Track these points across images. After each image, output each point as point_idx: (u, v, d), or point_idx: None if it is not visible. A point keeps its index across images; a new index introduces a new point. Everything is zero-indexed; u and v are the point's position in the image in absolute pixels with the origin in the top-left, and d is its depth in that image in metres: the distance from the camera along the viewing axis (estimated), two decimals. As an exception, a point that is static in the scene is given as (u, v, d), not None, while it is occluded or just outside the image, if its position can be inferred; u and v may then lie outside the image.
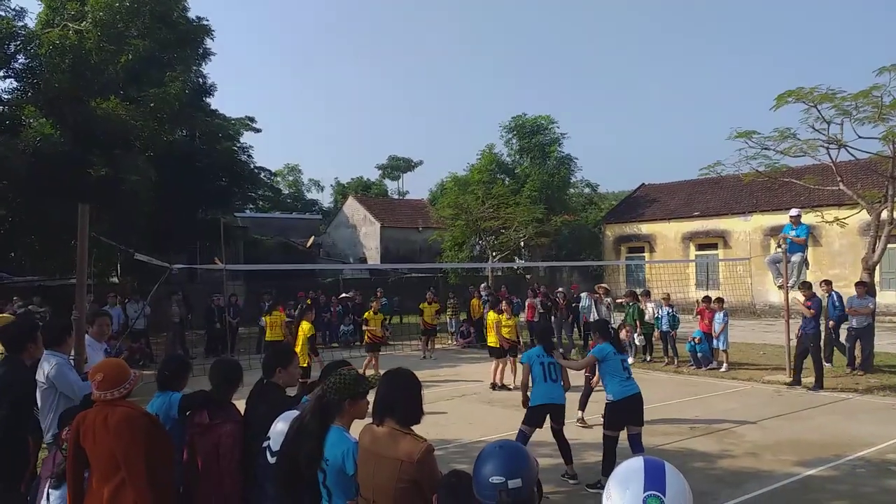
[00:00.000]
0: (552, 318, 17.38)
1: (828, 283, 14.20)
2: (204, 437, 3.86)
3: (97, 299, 15.87)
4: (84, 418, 3.62)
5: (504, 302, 13.84)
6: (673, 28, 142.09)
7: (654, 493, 1.69)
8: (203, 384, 4.26)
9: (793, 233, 12.94)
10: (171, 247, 22.38)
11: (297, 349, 10.20)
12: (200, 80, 23.79)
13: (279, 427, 3.53)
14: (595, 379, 9.35)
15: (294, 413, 3.54)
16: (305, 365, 9.92)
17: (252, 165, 27.94)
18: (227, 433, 3.82)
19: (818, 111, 14.33)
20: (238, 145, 27.51)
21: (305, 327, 10.64)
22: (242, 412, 4.08)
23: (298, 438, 3.22)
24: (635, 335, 15.05)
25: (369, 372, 13.46)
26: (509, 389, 12.18)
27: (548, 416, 7.01)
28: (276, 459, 3.42)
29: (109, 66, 19.50)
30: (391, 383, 3.17)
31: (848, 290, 14.19)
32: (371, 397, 3.30)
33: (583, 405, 9.39)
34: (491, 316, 13.45)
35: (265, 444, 3.59)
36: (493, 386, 12.50)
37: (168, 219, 21.07)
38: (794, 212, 13.31)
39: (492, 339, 13.10)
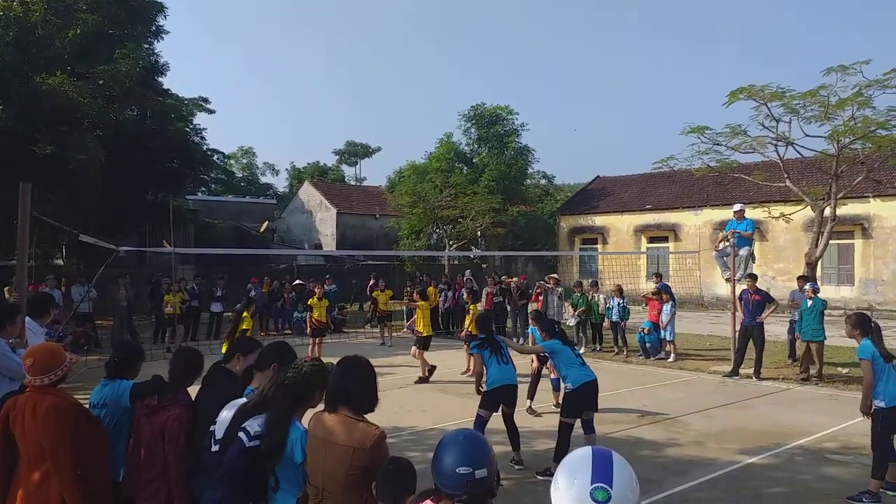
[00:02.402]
0: (506, 306, 17.51)
1: (658, 275, 15.96)
2: (150, 419, 3.77)
3: (36, 281, 15.38)
4: (14, 404, 3.54)
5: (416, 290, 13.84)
6: (631, 22, 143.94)
7: (601, 485, 1.69)
8: (154, 371, 4.15)
9: (741, 227, 13.30)
10: (120, 229, 21.77)
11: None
12: (152, 59, 23.07)
13: (225, 415, 3.48)
14: (535, 365, 9.53)
15: (241, 401, 3.49)
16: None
17: (205, 147, 27.29)
18: (175, 416, 3.74)
19: (768, 109, 14.72)
20: (190, 126, 26.84)
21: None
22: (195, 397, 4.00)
23: (266, 430, 3.16)
24: (572, 315, 15.54)
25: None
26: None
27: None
28: (221, 445, 3.37)
29: (56, 41, 18.77)
30: (347, 371, 3.15)
31: (791, 284, 14.67)
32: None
33: (531, 394, 9.52)
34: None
35: (211, 429, 3.53)
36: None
37: (116, 200, 20.45)
38: (737, 207, 13.66)
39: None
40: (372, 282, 22.17)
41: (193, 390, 4.01)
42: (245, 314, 10.11)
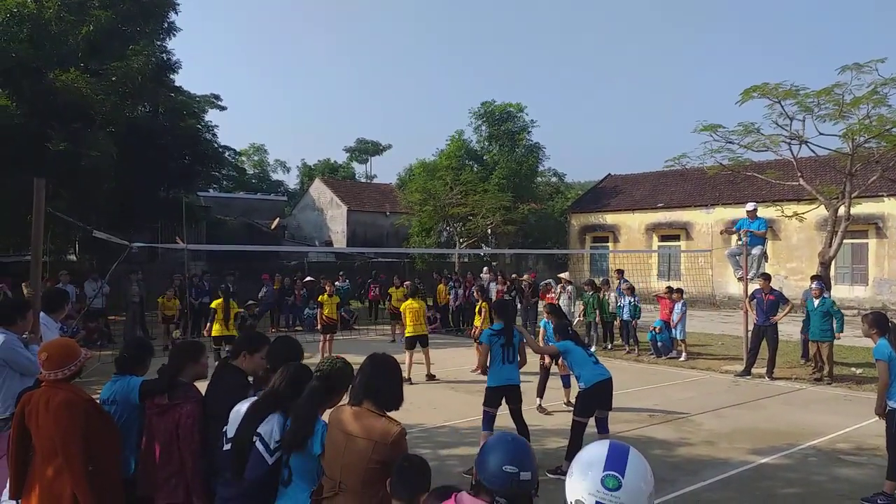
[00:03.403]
0: (517, 304, 17.47)
1: (620, 271, 16.68)
2: (162, 417, 3.78)
3: (51, 277, 15.47)
4: (30, 399, 3.57)
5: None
6: (643, 20, 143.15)
7: (612, 472, 1.75)
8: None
9: (753, 226, 13.20)
10: (132, 225, 21.92)
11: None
12: (164, 56, 23.20)
13: (237, 413, 3.48)
14: (547, 361, 9.46)
15: (254, 399, 3.51)
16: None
17: (216, 144, 27.46)
18: (188, 413, 3.75)
19: (782, 107, 14.61)
20: (202, 123, 26.99)
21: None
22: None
23: (292, 425, 3.20)
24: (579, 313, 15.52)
25: (325, 355, 13.57)
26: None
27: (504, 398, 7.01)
28: (233, 444, 3.38)
29: (69, 37, 18.92)
30: (377, 367, 3.20)
31: (804, 284, 14.56)
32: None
33: (541, 392, 9.48)
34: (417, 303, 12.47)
35: (224, 429, 3.54)
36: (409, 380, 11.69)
37: (129, 197, 20.59)
38: (750, 206, 13.54)
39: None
40: (370, 281, 22.37)
41: (202, 386, 4.01)
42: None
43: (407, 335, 12.14)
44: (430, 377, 12.03)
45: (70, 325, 9.59)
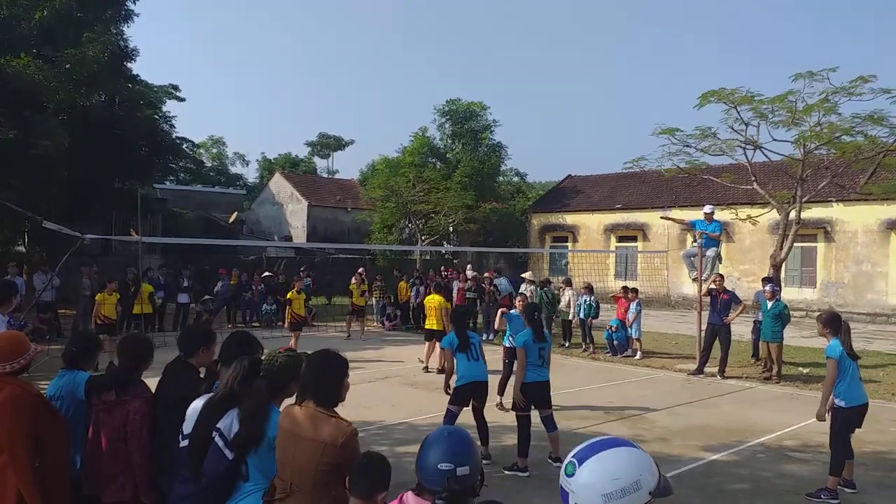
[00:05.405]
0: (479, 303, 17.56)
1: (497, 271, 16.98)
2: (110, 414, 3.70)
3: (-1, 269, 15.03)
4: None
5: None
6: (606, 23, 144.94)
7: (574, 459, 1.75)
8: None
9: (709, 229, 13.48)
10: (85, 217, 21.34)
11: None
12: (121, 43, 22.58)
13: (193, 410, 3.43)
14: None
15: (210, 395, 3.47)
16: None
17: (174, 135, 26.89)
18: (135, 410, 3.69)
19: (738, 112, 14.94)
20: (160, 114, 26.44)
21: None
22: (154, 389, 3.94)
23: (247, 420, 3.16)
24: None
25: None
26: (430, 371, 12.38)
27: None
28: (190, 440, 3.32)
29: (22, 22, 18.32)
30: (313, 364, 3.14)
31: (756, 285, 14.92)
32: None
33: (501, 390, 9.55)
34: (437, 299, 13.01)
35: (182, 428, 3.49)
36: (426, 368, 12.48)
37: (82, 187, 20.03)
38: (707, 208, 13.82)
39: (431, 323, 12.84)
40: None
41: (152, 384, 3.95)
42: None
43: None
44: (427, 369, 12.47)
45: (18, 319, 9.29)
